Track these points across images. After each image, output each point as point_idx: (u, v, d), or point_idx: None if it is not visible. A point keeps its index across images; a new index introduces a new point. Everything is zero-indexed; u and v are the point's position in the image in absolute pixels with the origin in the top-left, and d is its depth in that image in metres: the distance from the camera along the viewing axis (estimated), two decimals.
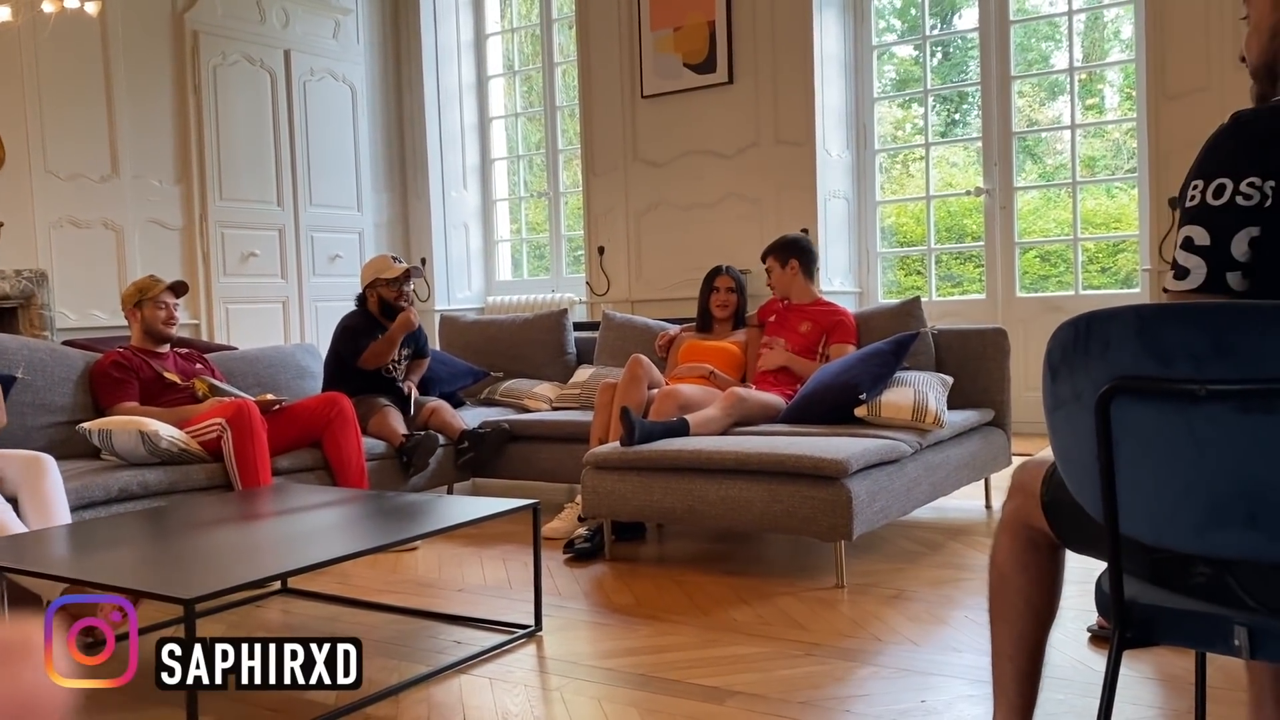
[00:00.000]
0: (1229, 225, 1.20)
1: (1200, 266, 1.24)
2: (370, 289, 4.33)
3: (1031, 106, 6.41)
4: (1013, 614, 1.59)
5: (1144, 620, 1.30)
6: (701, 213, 6.31)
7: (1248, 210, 1.19)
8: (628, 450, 3.32)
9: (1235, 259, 1.23)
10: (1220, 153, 1.23)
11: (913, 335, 3.71)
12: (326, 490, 3.29)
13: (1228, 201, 1.20)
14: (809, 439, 3.22)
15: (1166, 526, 1.23)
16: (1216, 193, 1.21)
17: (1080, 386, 1.27)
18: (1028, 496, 1.53)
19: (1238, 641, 1.22)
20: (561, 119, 7.36)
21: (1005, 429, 3.96)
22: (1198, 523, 1.19)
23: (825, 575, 3.10)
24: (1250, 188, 1.19)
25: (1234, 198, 1.19)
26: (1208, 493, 1.17)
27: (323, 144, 6.71)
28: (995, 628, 1.63)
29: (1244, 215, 1.19)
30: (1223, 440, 1.14)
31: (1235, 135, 1.23)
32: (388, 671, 2.38)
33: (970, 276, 6.56)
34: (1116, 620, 1.31)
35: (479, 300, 7.55)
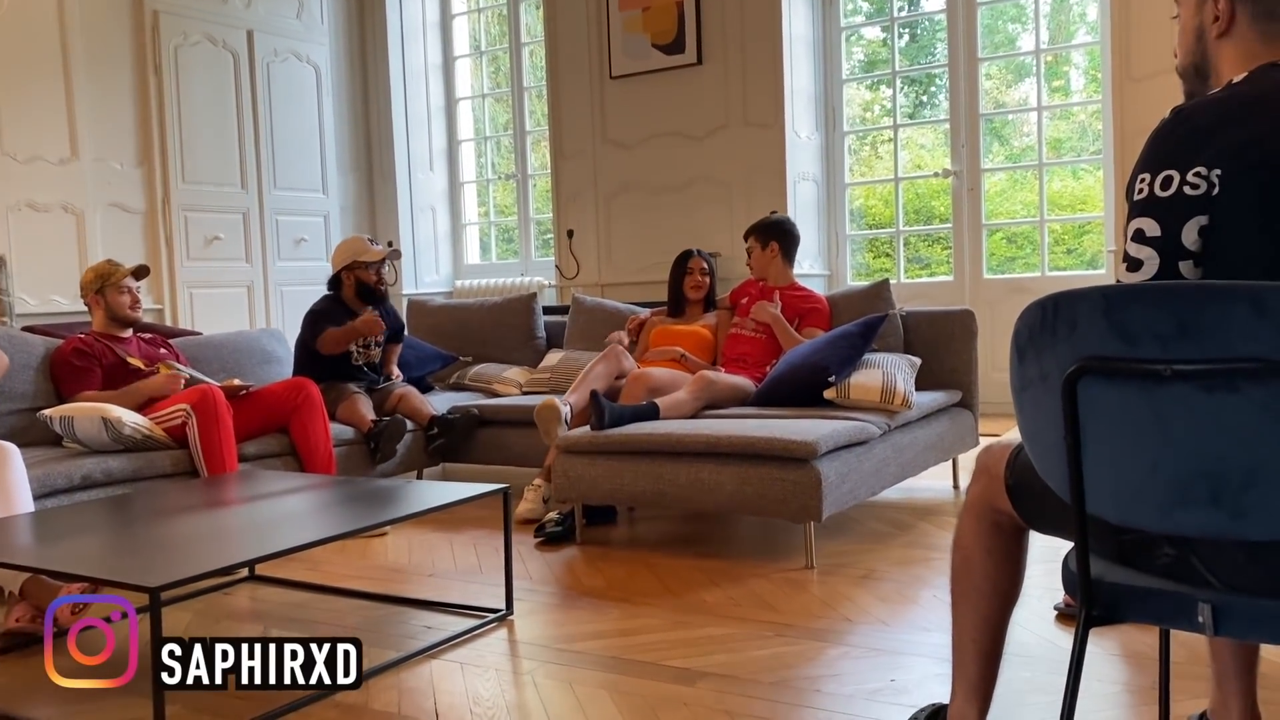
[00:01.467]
0: (1178, 215, 1.23)
1: (1153, 257, 1.26)
2: (346, 272, 4.27)
3: (999, 89, 6.44)
4: (976, 596, 1.61)
5: (1110, 598, 1.32)
6: (671, 195, 6.30)
7: (1195, 199, 1.22)
8: (598, 434, 3.31)
9: (1186, 248, 1.25)
10: (1165, 145, 1.25)
11: (881, 317, 3.73)
12: (294, 476, 3.27)
13: (1175, 192, 1.22)
14: (778, 421, 3.23)
15: (1132, 506, 1.25)
16: (1164, 184, 1.23)
17: (1047, 367, 1.28)
18: (992, 479, 1.54)
19: (1201, 618, 1.24)
20: (529, 100, 7.31)
21: (973, 410, 3.99)
22: (1162, 502, 1.21)
23: (795, 556, 3.12)
24: (1196, 177, 1.21)
25: (1181, 188, 1.22)
26: (1172, 472, 1.19)
27: (287, 126, 6.63)
28: (958, 609, 1.64)
29: (1192, 204, 1.22)
30: (1187, 420, 1.15)
31: (1178, 127, 1.26)
32: None
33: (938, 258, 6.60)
34: (1083, 598, 1.32)
35: (447, 284, 7.51)
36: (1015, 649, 2.23)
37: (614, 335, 4.26)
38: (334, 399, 4.03)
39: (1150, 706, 1.94)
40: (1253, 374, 1.10)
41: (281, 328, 5.57)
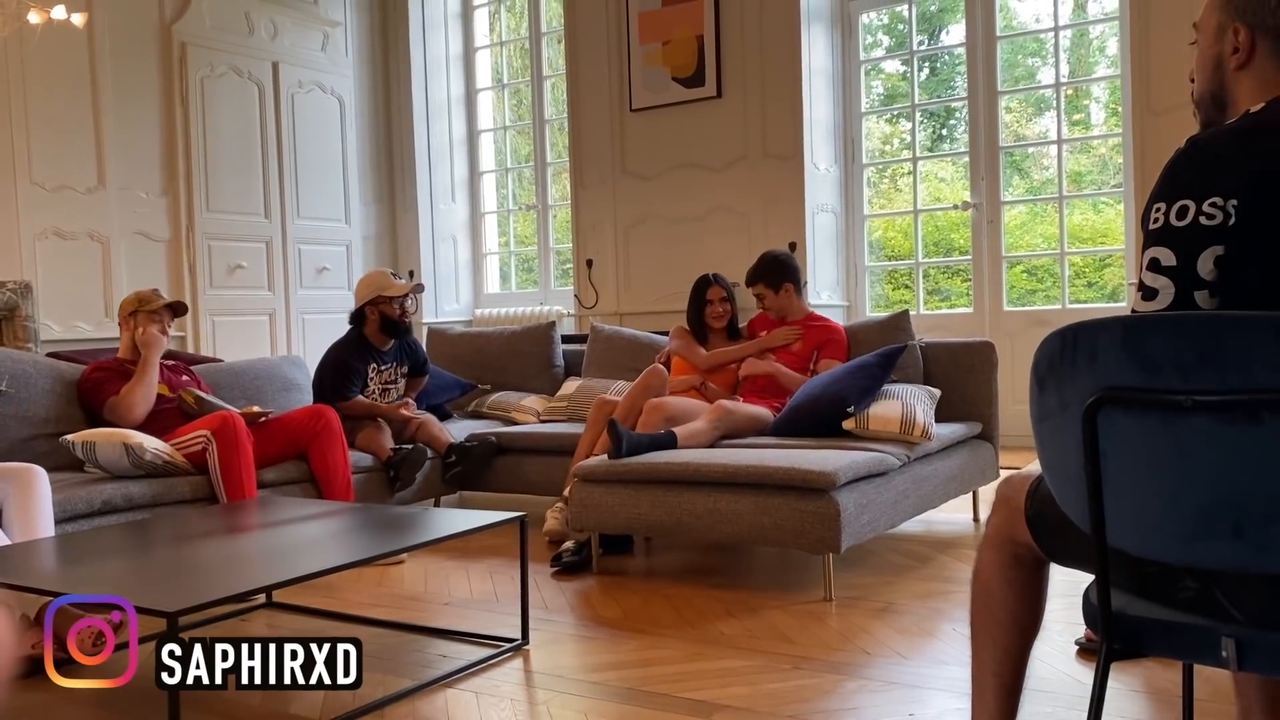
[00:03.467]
0: (1194, 245, 1.23)
1: (1168, 287, 1.26)
2: (371, 306, 4.29)
3: (1019, 122, 6.45)
4: (997, 629, 1.59)
5: (1132, 632, 1.30)
6: (690, 226, 6.32)
7: (1211, 230, 1.22)
8: (615, 462, 3.31)
9: (1202, 278, 1.25)
10: (1181, 175, 1.26)
11: (900, 348, 3.72)
12: (312, 503, 3.27)
13: (1191, 222, 1.23)
14: (797, 451, 3.22)
15: (1153, 537, 1.24)
16: (1180, 214, 1.23)
17: (1067, 397, 1.27)
18: (1012, 511, 1.53)
19: (1225, 653, 1.22)
20: (550, 132, 7.36)
21: (993, 442, 3.96)
22: (1184, 534, 1.20)
23: (813, 588, 3.09)
24: (1213, 208, 1.22)
25: (1197, 218, 1.22)
26: (1194, 504, 1.18)
27: (311, 156, 6.70)
28: (978, 642, 1.63)
29: (1208, 235, 1.22)
30: (1208, 451, 1.14)
31: (1194, 158, 1.26)
32: (373, 685, 2.36)
33: (958, 290, 6.58)
34: (1104, 632, 1.31)
35: (467, 313, 7.54)
36: (1036, 684, 2.20)
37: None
38: (353, 427, 4.04)
39: None
40: (1275, 405, 1.09)
41: (303, 355, 5.61)
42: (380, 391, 4.30)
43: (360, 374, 4.23)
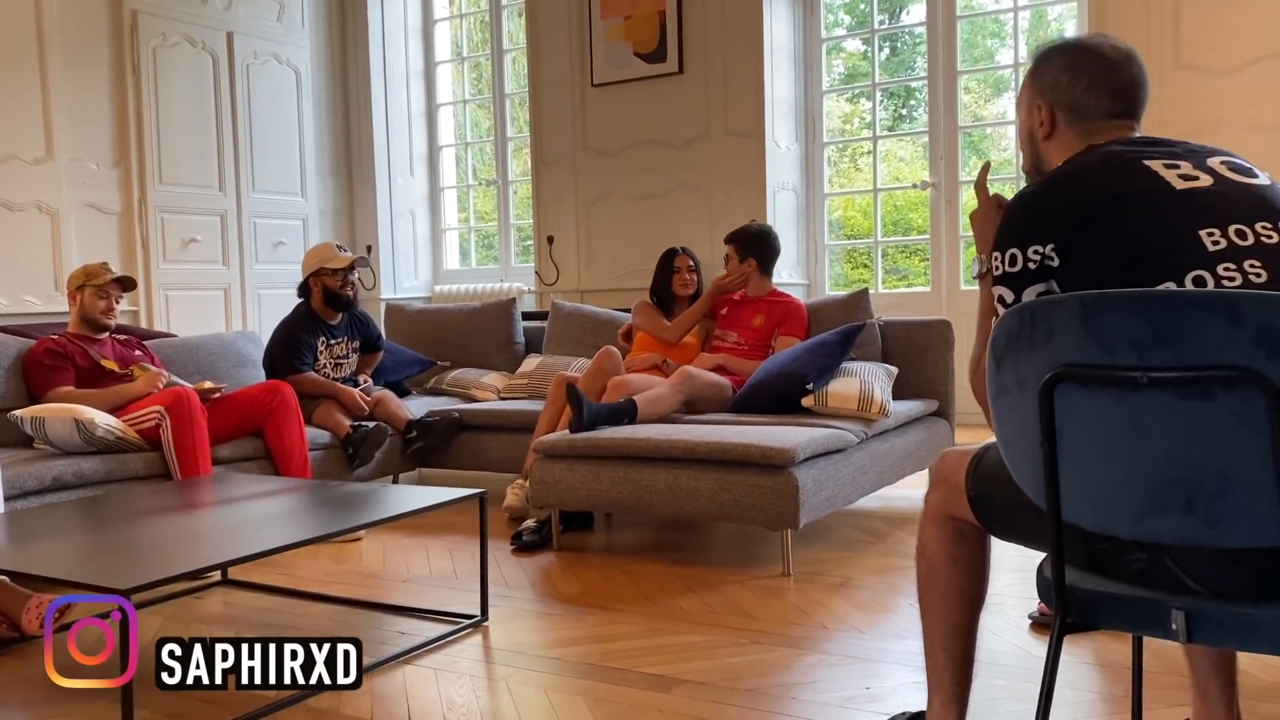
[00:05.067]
0: (1022, 284, 1.44)
1: None
2: (314, 278, 4.25)
3: (977, 103, 6.49)
4: (943, 605, 1.62)
5: (1084, 606, 1.32)
6: (651, 203, 6.30)
7: (1034, 271, 1.43)
8: (576, 438, 3.30)
9: None
10: (1007, 227, 1.48)
11: (859, 326, 3.74)
12: (268, 480, 3.24)
13: (1021, 268, 1.43)
14: (756, 428, 3.23)
15: (1108, 513, 1.25)
16: (1011, 261, 1.45)
17: (1024, 374, 1.28)
18: (951, 489, 1.56)
19: (1175, 625, 1.24)
20: (511, 107, 7.29)
21: (949, 419, 4.01)
22: (1138, 509, 1.21)
23: (772, 564, 3.11)
24: (1035, 254, 1.43)
25: (1026, 264, 1.43)
26: (1147, 479, 1.19)
27: (266, 128, 6.58)
28: (927, 619, 1.66)
29: (1033, 276, 1.43)
30: (1163, 427, 1.16)
31: (1017, 213, 1.49)
32: None
33: (916, 270, 6.62)
34: (1058, 605, 1.33)
35: (426, 289, 7.47)
36: (989, 657, 2.24)
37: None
38: (310, 403, 4.00)
39: (1124, 715, 1.95)
40: (1227, 382, 1.10)
41: (258, 330, 5.52)
42: (333, 366, 4.25)
43: (310, 347, 4.17)
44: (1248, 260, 1.32)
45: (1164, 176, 1.41)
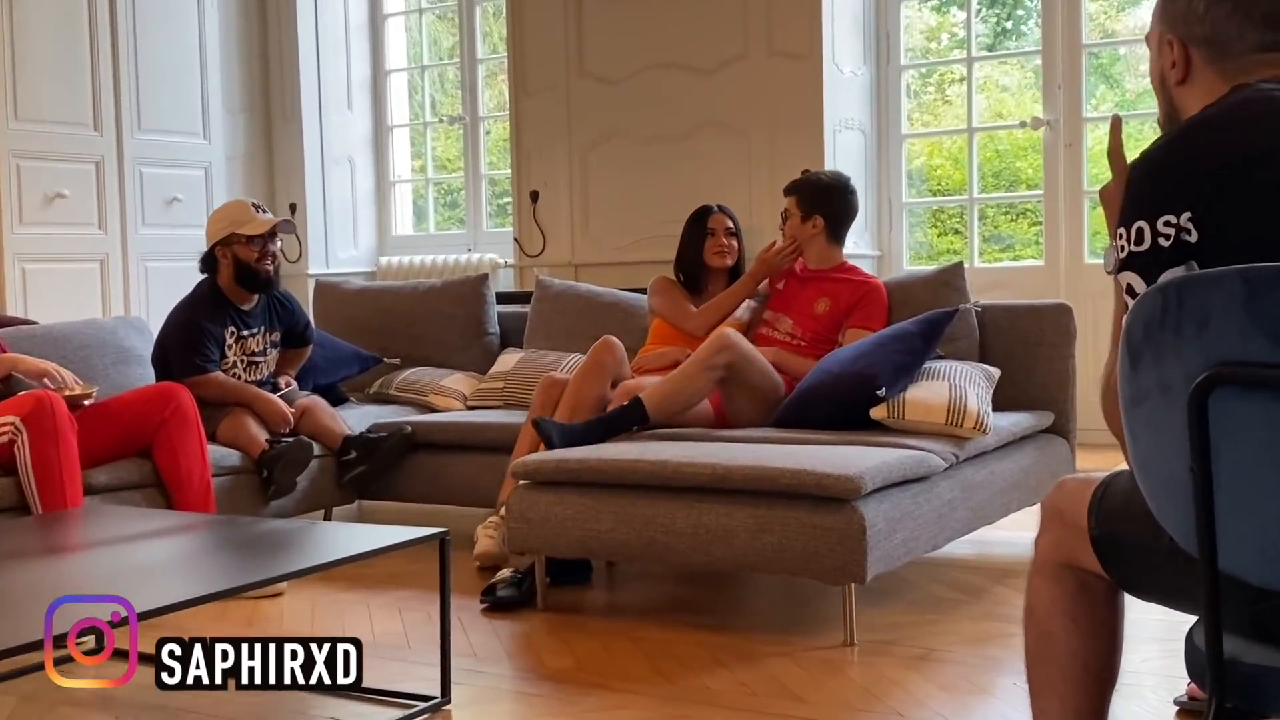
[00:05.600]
0: (1155, 268, 1.45)
1: None
2: (222, 247, 4.25)
3: (1106, 13, 6.48)
4: (1062, 684, 1.63)
5: (1248, 685, 1.32)
6: (670, 147, 6.30)
7: (1168, 250, 1.45)
8: (568, 457, 3.31)
9: None
10: (1133, 195, 1.52)
11: (948, 313, 3.74)
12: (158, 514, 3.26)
13: (1151, 246, 1.46)
14: (810, 448, 3.24)
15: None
16: (1137, 238, 1.48)
17: (1168, 375, 1.29)
18: (1069, 529, 1.58)
19: None
20: (482, 18, 7.31)
21: (1069, 437, 4.01)
22: None
23: (830, 630, 3.12)
24: (1167, 226, 1.45)
25: (1156, 239, 1.45)
26: None
27: (155, 50, 6.60)
28: (1039, 700, 1.67)
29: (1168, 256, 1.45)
30: None
31: (1142, 176, 1.53)
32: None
33: (1025, 237, 6.62)
34: (1213, 685, 1.32)
35: (369, 262, 7.50)
36: None
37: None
38: (214, 413, 4.02)
39: None
40: None
41: (146, 316, 5.55)
42: (245, 365, 4.26)
43: (216, 338, 4.18)
44: None
45: None
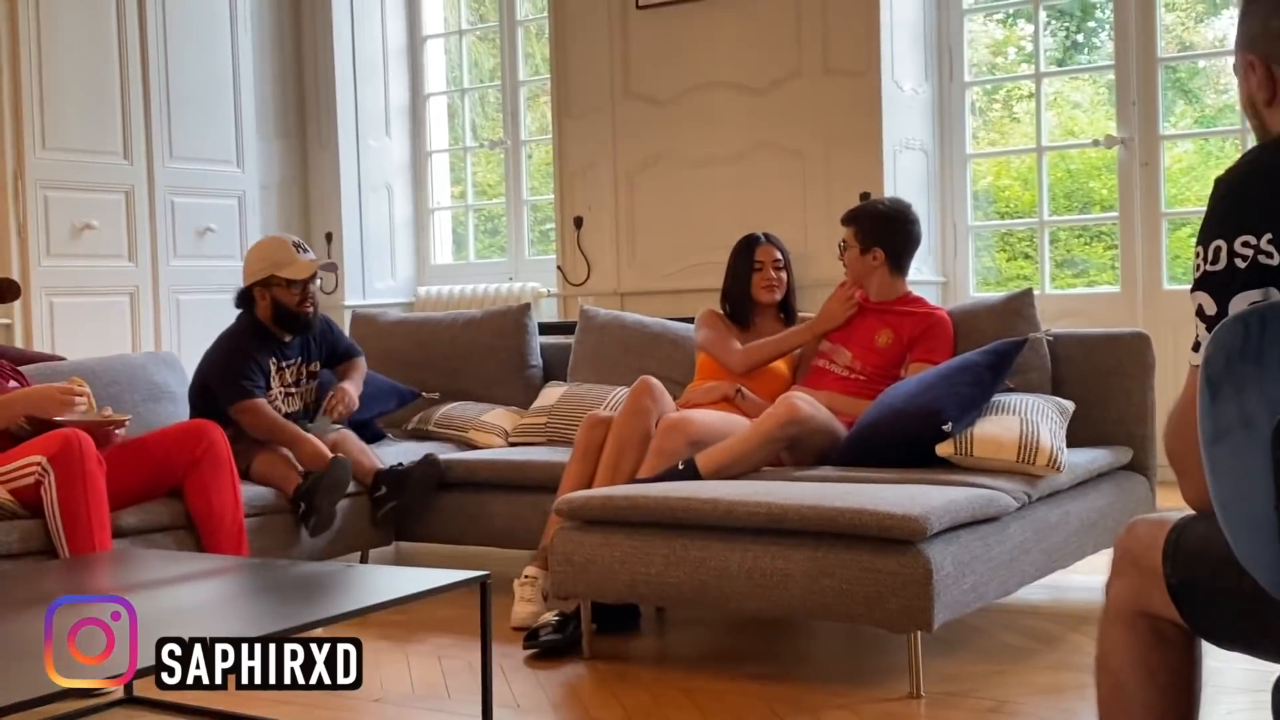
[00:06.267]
0: (1229, 289, 1.47)
1: (1208, 337, 1.45)
2: (261, 289, 4.27)
3: (1184, 25, 6.45)
4: None
5: None
6: (720, 170, 6.31)
7: (1245, 271, 1.46)
8: (616, 495, 3.33)
9: None
10: (1213, 214, 1.54)
11: (1018, 343, 3.72)
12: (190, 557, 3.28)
13: (1226, 265, 1.48)
14: (871, 487, 3.23)
15: None
16: (1214, 257, 1.50)
17: (1252, 409, 1.29)
18: (1144, 574, 1.57)
19: None
20: (524, 39, 7.37)
21: (1148, 474, 3.97)
22: None
23: (895, 680, 3.09)
24: (1245, 247, 1.47)
25: (1232, 259, 1.47)
26: None
27: (188, 76, 6.65)
28: None
29: (1243, 277, 1.46)
30: None
31: (1225, 194, 1.54)
32: None
33: (1100, 262, 6.57)
34: None
35: (407, 293, 7.54)
36: None
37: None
38: (247, 448, 4.04)
39: None
40: None
41: (176, 350, 5.60)
42: (283, 397, 4.29)
43: (262, 369, 4.22)
44: None
45: None
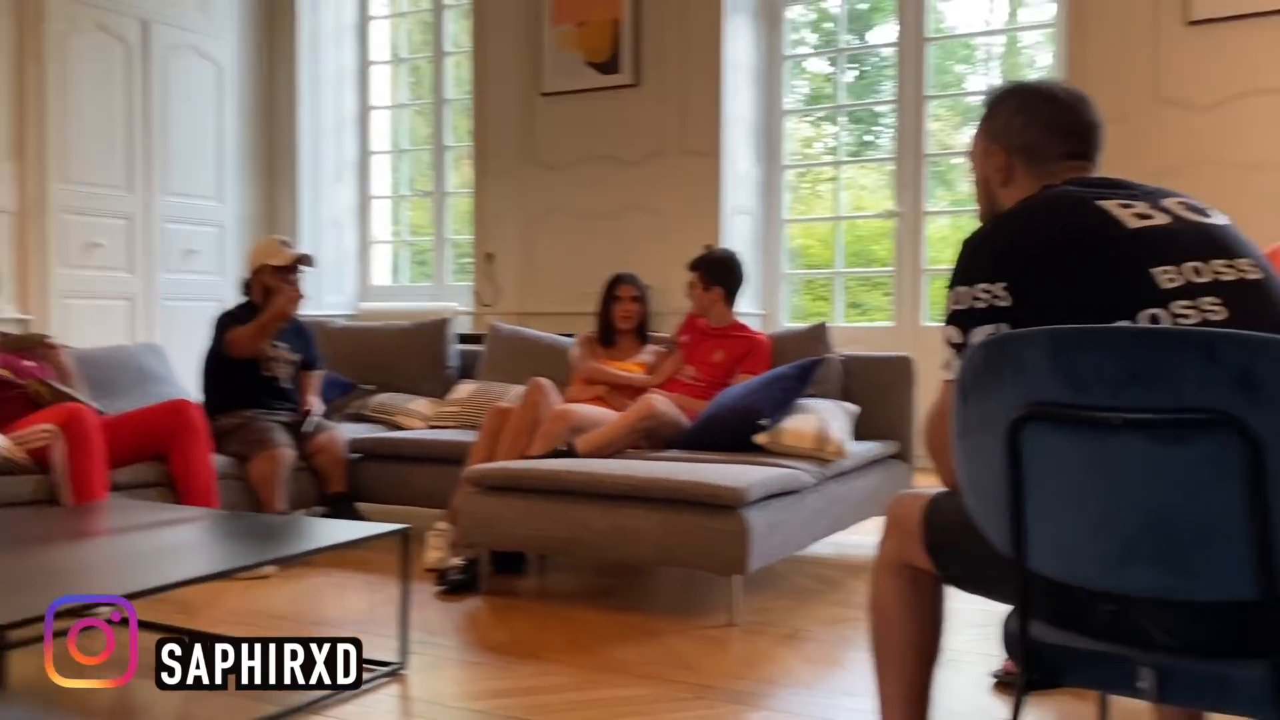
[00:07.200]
0: (970, 324, 1.48)
1: (955, 359, 1.49)
2: (256, 275, 4.22)
3: (945, 131, 6.62)
4: (899, 659, 1.63)
5: (1050, 662, 1.33)
6: (601, 222, 6.31)
7: (982, 311, 1.48)
8: (512, 467, 3.28)
9: None
10: (960, 266, 1.54)
11: (818, 360, 3.77)
12: (169, 508, 3.18)
13: (967, 307, 1.49)
14: (706, 465, 3.23)
15: (1077, 563, 1.27)
16: (959, 299, 1.51)
17: (991, 412, 1.30)
18: (907, 535, 1.58)
19: (1144, 683, 1.26)
20: (452, 113, 7.28)
21: (910, 462, 4.05)
22: (1108, 559, 1.23)
23: (718, 613, 3.11)
24: (985, 293, 1.47)
25: (973, 302, 1.49)
26: (1119, 527, 1.21)
27: (182, 126, 6.49)
28: (881, 674, 1.66)
29: (981, 315, 1.48)
30: (1136, 472, 1.18)
31: (968, 251, 1.55)
32: (233, 712, 2.29)
33: (877, 304, 6.71)
34: (1023, 661, 1.34)
35: (351, 306, 7.40)
36: (950, 718, 2.24)
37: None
38: (244, 442, 3.92)
39: None
40: (1204, 425, 1.13)
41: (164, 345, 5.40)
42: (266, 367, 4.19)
43: None
44: (1205, 297, 1.37)
45: (1116, 215, 1.47)
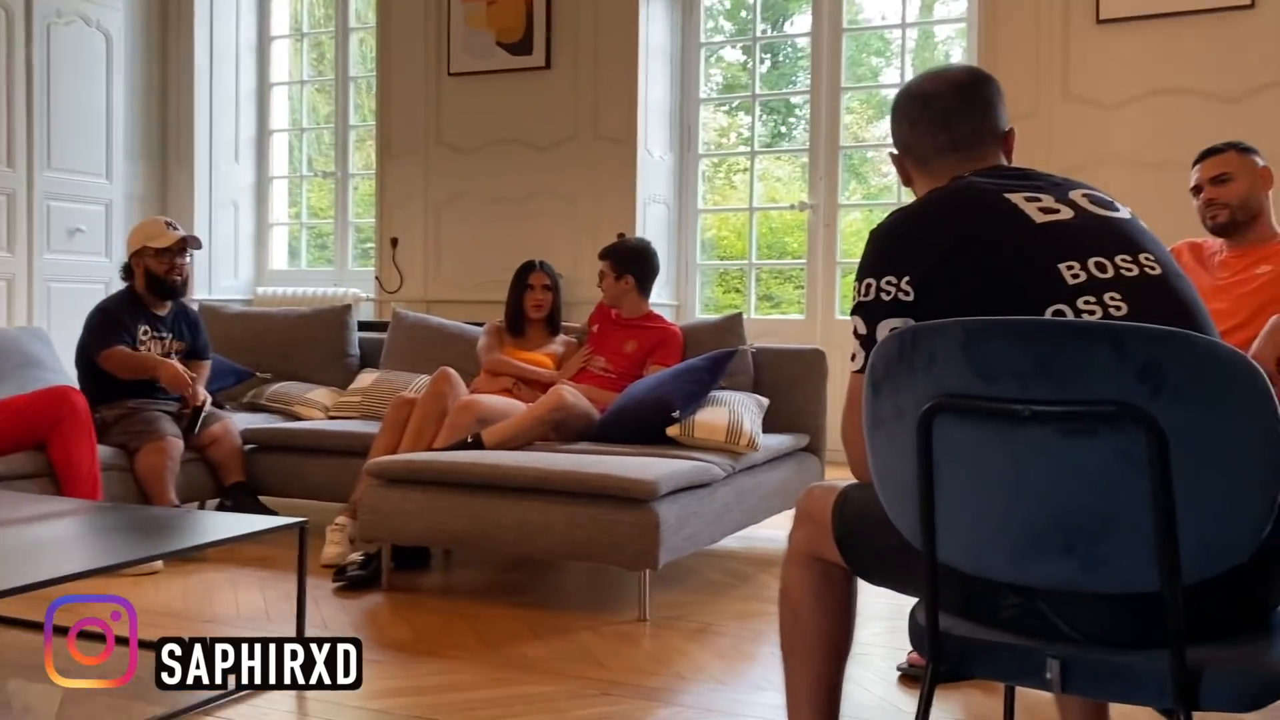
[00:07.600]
0: (875, 316, 1.52)
1: (860, 351, 1.52)
2: (137, 259, 4.08)
3: (859, 123, 6.71)
4: (808, 653, 1.63)
5: (957, 654, 1.36)
6: (511, 208, 6.26)
7: (887, 304, 1.51)
8: (414, 460, 3.23)
9: None
10: (865, 258, 1.58)
11: (730, 353, 3.79)
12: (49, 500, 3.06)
13: (874, 298, 1.52)
14: (616, 458, 3.23)
15: (985, 554, 1.29)
16: (865, 290, 1.54)
17: (903, 404, 1.31)
18: (817, 527, 1.58)
19: (1049, 674, 1.29)
20: (355, 92, 7.15)
21: (820, 455, 4.09)
22: (1015, 550, 1.25)
23: (628, 608, 3.11)
24: (889, 285, 1.51)
25: (878, 294, 1.51)
26: (1026, 519, 1.23)
27: (68, 99, 6.26)
28: (790, 667, 1.67)
29: (886, 308, 1.51)
30: (1043, 464, 1.20)
31: (874, 243, 1.59)
32: (117, 713, 2.22)
33: (789, 297, 6.78)
34: (931, 653, 1.35)
35: (247, 290, 7.23)
36: (855, 711, 2.28)
37: None
38: (130, 433, 3.81)
39: None
40: (1110, 418, 1.15)
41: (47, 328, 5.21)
42: None
43: (128, 330, 3.99)
44: (1108, 293, 1.41)
45: (1024, 209, 1.50)
